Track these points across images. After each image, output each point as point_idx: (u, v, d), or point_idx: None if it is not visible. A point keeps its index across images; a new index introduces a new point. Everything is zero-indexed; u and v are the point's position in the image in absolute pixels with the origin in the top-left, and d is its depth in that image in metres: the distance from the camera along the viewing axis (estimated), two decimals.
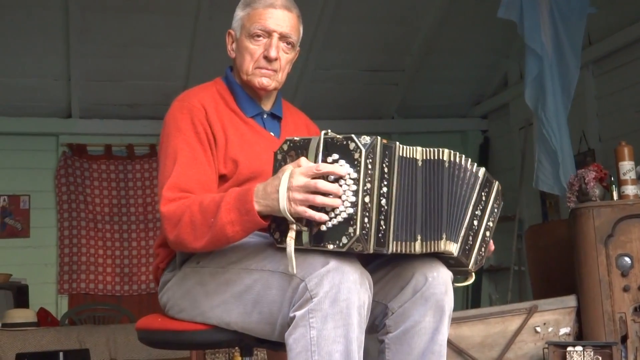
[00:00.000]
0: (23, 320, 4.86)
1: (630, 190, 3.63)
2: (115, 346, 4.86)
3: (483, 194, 1.78)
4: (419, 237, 1.61)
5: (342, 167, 1.52)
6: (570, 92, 4.50)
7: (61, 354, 4.27)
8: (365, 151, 1.51)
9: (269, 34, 1.89)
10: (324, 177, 1.53)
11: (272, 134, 1.99)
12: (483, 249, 1.80)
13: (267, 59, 1.90)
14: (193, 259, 1.86)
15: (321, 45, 5.95)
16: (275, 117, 2.03)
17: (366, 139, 1.53)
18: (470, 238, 1.76)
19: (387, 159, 1.54)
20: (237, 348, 3.66)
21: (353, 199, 1.51)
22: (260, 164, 1.88)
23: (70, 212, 6.13)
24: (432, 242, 1.65)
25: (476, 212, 1.77)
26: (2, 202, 6.18)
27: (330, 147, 1.56)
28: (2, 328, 4.69)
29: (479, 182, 1.76)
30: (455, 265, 1.79)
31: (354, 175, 1.51)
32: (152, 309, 2.37)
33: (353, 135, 1.54)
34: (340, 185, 1.51)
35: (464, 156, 1.72)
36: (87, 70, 5.92)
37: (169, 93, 5.48)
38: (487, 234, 1.80)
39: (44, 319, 5.21)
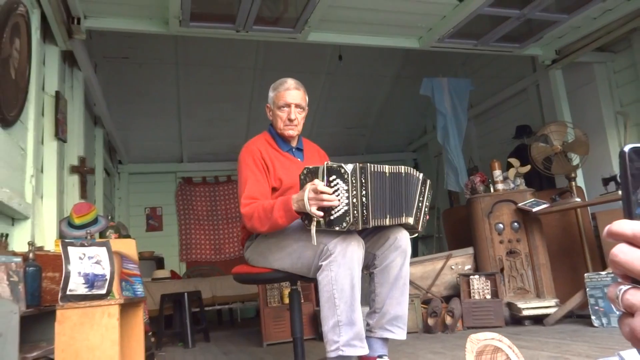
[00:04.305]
0: (163, 276, 5.65)
1: (499, 186, 3.96)
2: (215, 288, 5.61)
3: (423, 188, 2.01)
4: (387, 216, 1.86)
5: (331, 189, 1.75)
6: (462, 134, 5.27)
7: (185, 294, 4.59)
8: (350, 173, 1.74)
9: (288, 105, 2.20)
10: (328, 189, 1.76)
11: (299, 160, 2.25)
12: (425, 218, 2.05)
13: (290, 120, 2.20)
14: (262, 235, 2.14)
15: (320, 114, 7.17)
16: (299, 150, 2.30)
17: (349, 166, 1.74)
18: (419, 213, 2.00)
19: (363, 175, 1.76)
20: (287, 283, 3.98)
21: (346, 201, 1.74)
22: (294, 179, 2.13)
23: (185, 216, 7.29)
24: (397, 218, 1.90)
25: (420, 199, 2.00)
26: (147, 211, 7.44)
27: (330, 171, 1.76)
28: (152, 280, 5.40)
29: (420, 182, 2.01)
30: (412, 228, 2.07)
31: (345, 187, 1.74)
32: (234, 266, 2.39)
33: (342, 164, 1.75)
34: (338, 195, 1.74)
35: (412, 169, 1.99)
36: (191, 134, 7.08)
37: (236, 146, 6.78)
38: (426, 209, 2.04)
39: (174, 275, 6.01)
